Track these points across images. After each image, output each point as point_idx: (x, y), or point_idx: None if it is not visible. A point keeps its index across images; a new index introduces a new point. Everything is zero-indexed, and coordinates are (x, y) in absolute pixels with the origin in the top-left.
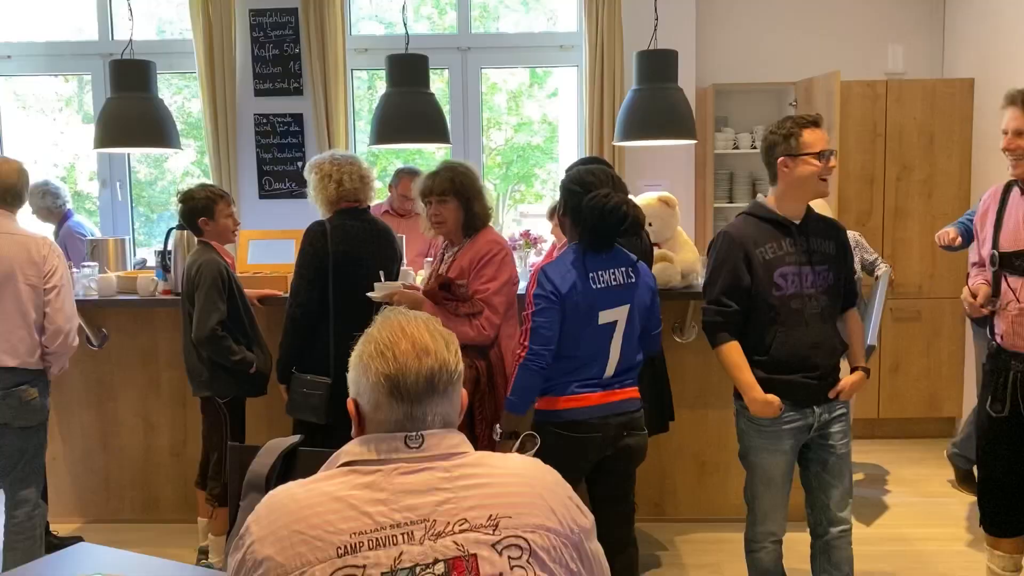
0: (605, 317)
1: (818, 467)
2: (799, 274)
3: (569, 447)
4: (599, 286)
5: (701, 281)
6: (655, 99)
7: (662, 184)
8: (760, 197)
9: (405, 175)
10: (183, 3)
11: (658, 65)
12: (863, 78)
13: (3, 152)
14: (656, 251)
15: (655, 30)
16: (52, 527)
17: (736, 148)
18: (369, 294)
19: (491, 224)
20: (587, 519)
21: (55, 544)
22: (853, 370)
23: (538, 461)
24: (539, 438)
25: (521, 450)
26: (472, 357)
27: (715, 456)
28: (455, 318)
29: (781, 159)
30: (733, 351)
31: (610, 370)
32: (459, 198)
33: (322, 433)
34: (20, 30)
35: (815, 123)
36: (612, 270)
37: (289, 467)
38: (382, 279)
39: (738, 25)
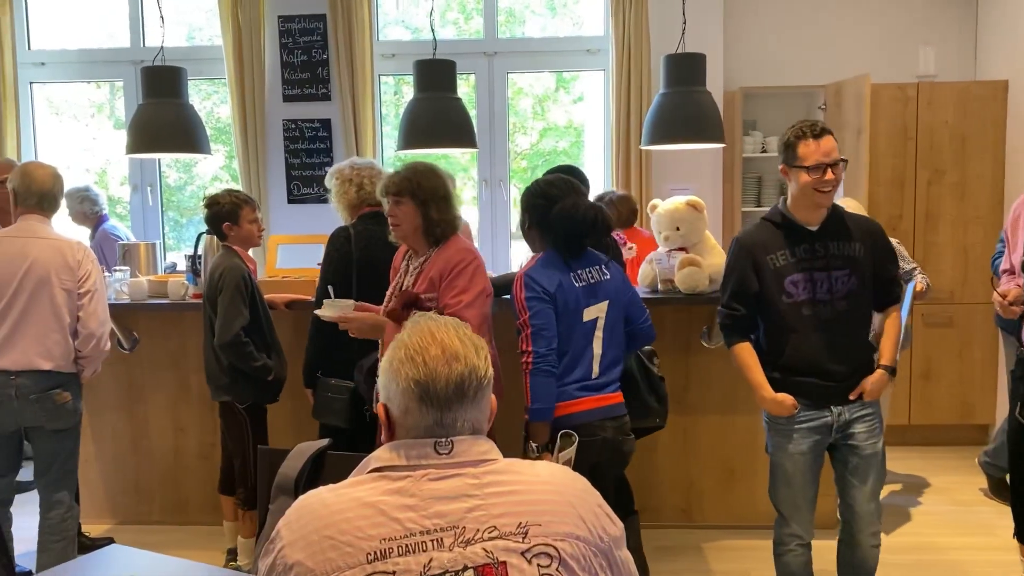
0: (588, 314)
1: (842, 467)
2: (811, 280)
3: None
4: (580, 283)
5: None
6: (683, 103)
7: (689, 188)
8: (781, 201)
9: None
10: (213, 10)
11: (686, 68)
12: (893, 81)
13: (38, 157)
14: (683, 255)
15: (683, 33)
16: (84, 528)
17: (764, 152)
18: (317, 311)
19: (460, 233)
20: (616, 527)
21: (87, 545)
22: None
23: (567, 469)
24: (575, 435)
25: (562, 450)
26: None
27: (743, 462)
28: None
29: (781, 167)
30: (743, 351)
31: (596, 369)
32: (415, 200)
33: (347, 437)
34: (54, 38)
35: (815, 134)
36: (588, 268)
37: (317, 470)
38: (331, 295)
39: (766, 28)
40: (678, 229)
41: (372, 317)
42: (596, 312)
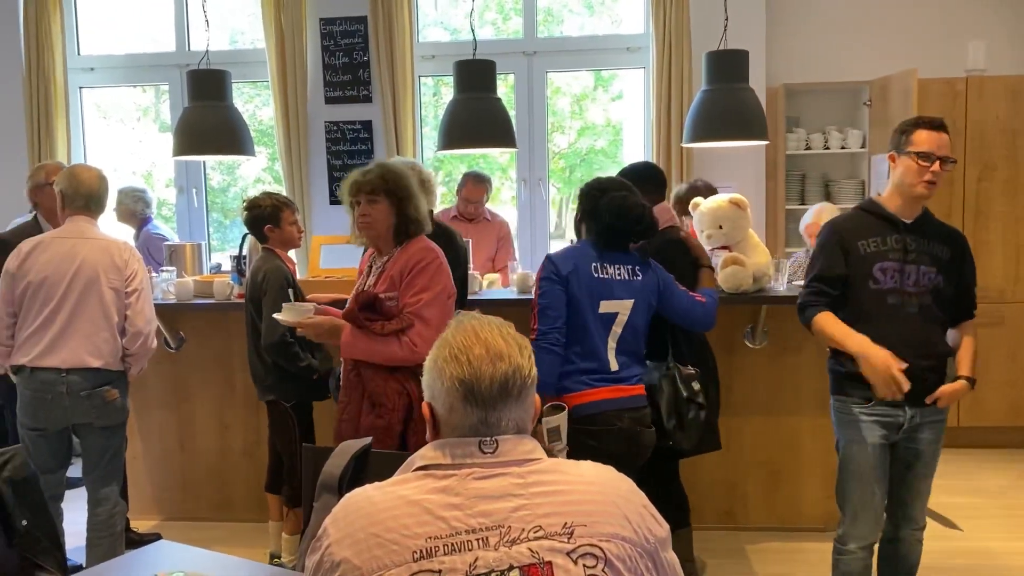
0: (606, 307)
1: (901, 467)
2: (901, 271)
3: (587, 440)
4: (601, 276)
5: (773, 285)
6: (725, 100)
7: (731, 186)
8: (875, 194)
9: (470, 179)
10: (255, 14)
11: (728, 65)
12: (941, 75)
13: (86, 160)
14: (726, 254)
15: (725, 30)
16: (132, 524)
17: (808, 149)
18: (275, 315)
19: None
20: (662, 528)
21: (135, 540)
22: (956, 379)
23: (612, 468)
24: (565, 405)
25: (547, 416)
26: (402, 379)
27: (787, 464)
28: (380, 338)
29: (890, 153)
30: (825, 316)
31: (614, 362)
32: (390, 199)
33: None
34: (102, 44)
35: (935, 127)
36: (619, 266)
37: (361, 469)
38: (292, 299)
39: (809, 23)
40: (721, 227)
41: (329, 320)
42: (616, 308)
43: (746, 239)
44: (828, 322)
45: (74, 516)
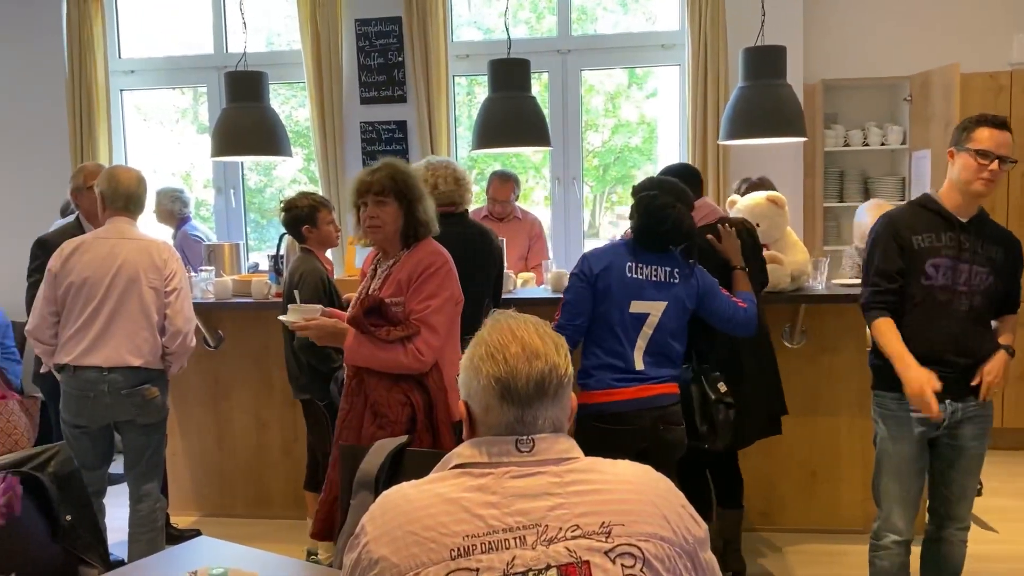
0: (637, 307)
1: (943, 465)
2: (953, 268)
3: (604, 438)
4: (635, 276)
5: (812, 283)
6: (762, 96)
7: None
8: (931, 190)
9: (496, 178)
10: (291, 15)
11: (765, 61)
12: (985, 70)
13: (127, 162)
14: (765, 253)
15: (762, 25)
16: (172, 520)
17: (847, 145)
18: (280, 317)
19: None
20: (701, 528)
21: (175, 536)
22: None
23: (650, 468)
24: None
25: None
26: (406, 389)
27: (826, 465)
28: (384, 345)
29: (950, 149)
30: (884, 324)
31: (639, 362)
32: (400, 200)
33: None
34: (142, 47)
35: (997, 125)
36: (655, 267)
37: (397, 466)
38: (297, 301)
39: (848, 17)
40: (758, 226)
41: (332, 323)
42: (647, 308)
43: (784, 237)
44: (884, 331)
45: (116, 512)
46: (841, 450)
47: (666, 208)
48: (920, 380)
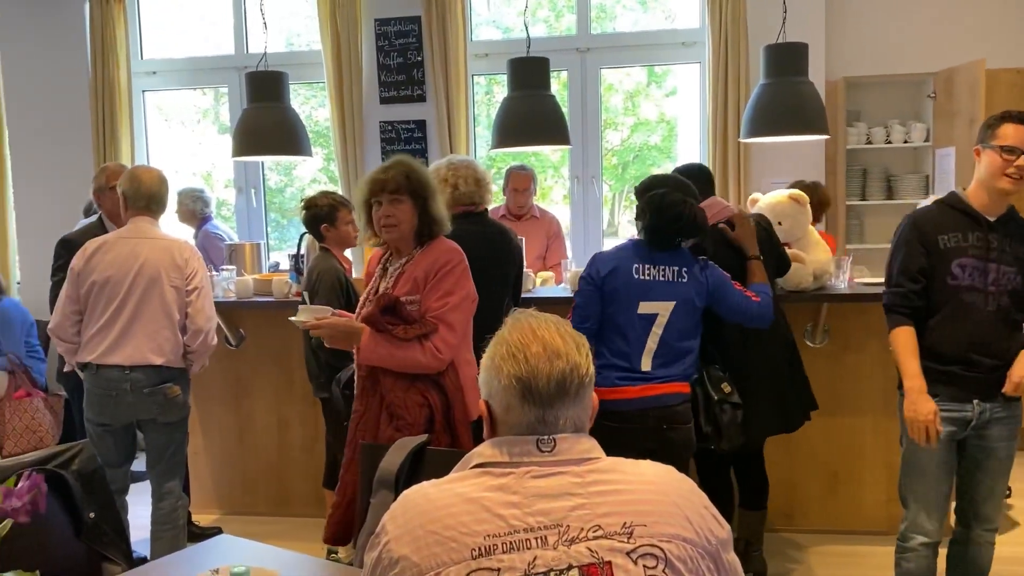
0: (645, 308)
1: (971, 465)
2: (981, 269)
3: (611, 436)
4: (643, 278)
5: (834, 283)
6: (784, 94)
7: (789, 182)
8: (958, 189)
9: (513, 171)
10: (311, 16)
11: (787, 58)
12: (1012, 65)
13: (149, 162)
14: (786, 251)
15: (784, 22)
16: (194, 517)
17: (869, 143)
18: (291, 318)
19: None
20: (724, 529)
21: (196, 534)
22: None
23: (672, 469)
24: None
25: None
26: (423, 389)
27: (848, 466)
28: (402, 344)
29: (976, 147)
30: (901, 335)
31: (647, 363)
32: (414, 198)
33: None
34: (163, 48)
35: (1022, 120)
36: (663, 267)
37: (417, 465)
38: (307, 302)
39: (871, 13)
40: (780, 224)
41: (346, 323)
42: (656, 308)
43: (806, 236)
44: (901, 342)
45: (138, 510)
46: (864, 450)
47: (677, 204)
48: (929, 412)
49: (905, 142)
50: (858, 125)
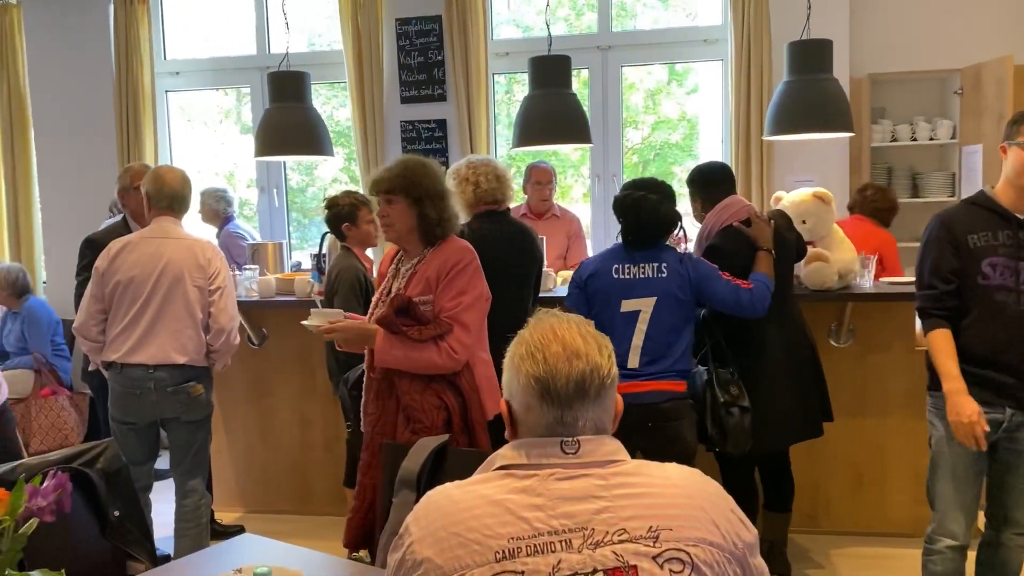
0: (627, 306)
1: (1001, 468)
2: (1012, 268)
3: None
4: (623, 277)
5: (859, 282)
6: (808, 91)
7: (813, 180)
8: (987, 187)
9: (534, 167)
10: (333, 16)
11: (811, 55)
12: None
13: (172, 163)
14: (810, 250)
15: (807, 19)
16: (216, 515)
17: (895, 140)
18: (303, 321)
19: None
20: (751, 533)
21: (219, 531)
22: None
23: (698, 472)
24: None
25: None
26: (439, 391)
27: (873, 468)
28: (417, 345)
29: (1002, 144)
30: (938, 337)
31: (635, 360)
32: (408, 198)
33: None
34: (186, 49)
35: None
36: (643, 265)
37: (439, 465)
38: (319, 306)
39: (896, 9)
40: (804, 222)
41: (359, 325)
42: (638, 305)
43: (830, 234)
44: (938, 345)
45: (161, 507)
46: (889, 452)
47: (640, 201)
48: (972, 413)
49: (931, 139)
50: (883, 122)
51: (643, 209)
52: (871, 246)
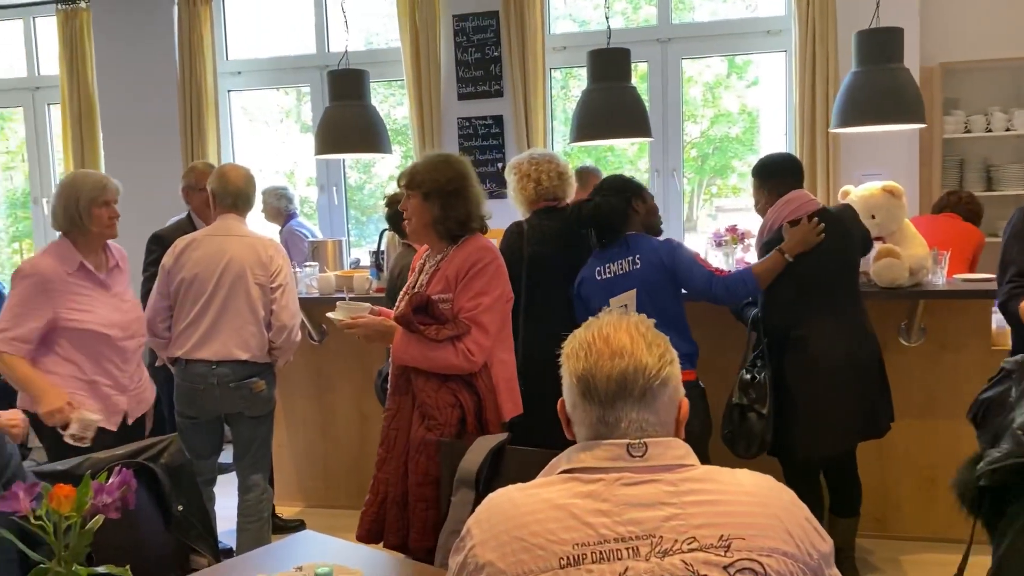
0: (614, 303)
1: None
2: None
3: None
4: (605, 277)
5: (931, 278)
6: (878, 81)
7: (881, 173)
8: None
9: (588, 171)
10: (390, 14)
11: (881, 44)
12: None
13: (235, 161)
14: (880, 246)
15: (877, 7)
16: (277, 510)
17: (968, 132)
18: (329, 314)
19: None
20: (826, 543)
21: (280, 526)
22: None
23: (771, 478)
24: None
25: None
26: (455, 389)
27: (946, 471)
28: (434, 344)
29: None
30: None
31: None
32: (422, 194)
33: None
34: (247, 49)
35: None
36: (619, 261)
37: (497, 464)
38: (346, 299)
39: None
40: (873, 217)
41: (381, 322)
42: (623, 300)
43: (901, 230)
44: None
45: (224, 501)
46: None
47: (581, 206)
48: None
49: (1007, 130)
50: (956, 113)
51: (585, 212)
52: (970, 243)
